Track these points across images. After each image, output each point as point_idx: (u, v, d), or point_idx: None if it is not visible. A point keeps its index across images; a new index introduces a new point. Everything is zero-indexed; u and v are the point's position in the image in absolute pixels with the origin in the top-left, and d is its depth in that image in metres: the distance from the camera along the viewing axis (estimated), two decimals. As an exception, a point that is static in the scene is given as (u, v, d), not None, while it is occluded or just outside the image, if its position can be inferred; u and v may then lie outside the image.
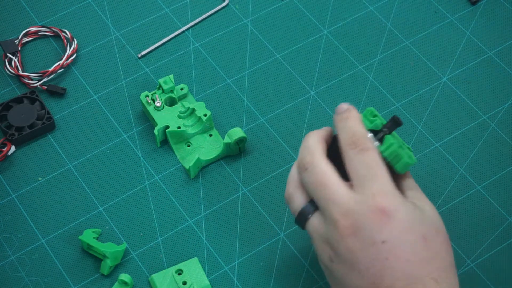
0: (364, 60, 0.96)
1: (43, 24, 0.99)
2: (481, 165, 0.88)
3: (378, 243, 0.67)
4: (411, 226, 0.67)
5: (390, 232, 0.67)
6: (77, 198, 0.87)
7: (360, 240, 0.67)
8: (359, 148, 0.70)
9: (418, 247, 0.67)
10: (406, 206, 0.68)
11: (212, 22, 1.00)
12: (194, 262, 0.82)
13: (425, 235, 0.68)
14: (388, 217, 0.67)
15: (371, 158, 0.69)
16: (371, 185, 0.68)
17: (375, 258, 0.67)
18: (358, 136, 0.71)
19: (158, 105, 0.90)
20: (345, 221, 0.68)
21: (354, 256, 0.68)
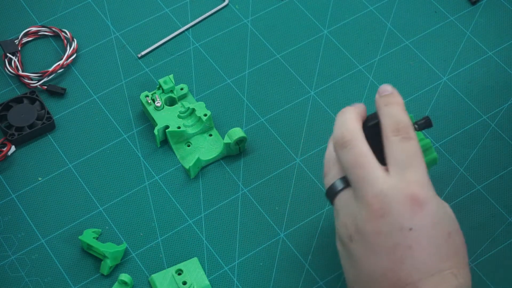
0: (364, 60, 0.96)
1: (43, 24, 0.99)
2: (481, 165, 0.88)
3: (405, 230, 0.67)
4: (439, 220, 0.68)
5: (419, 221, 0.67)
6: (77, 198, 0.87)
7: (388, 223, 0.67)
8: (402, 136, 0.69)
9: (442, 241, 0.67)
10: (437, 201, 0.68)
11: (212, 22, 1.00)
12: (194, 262, 0.82)
13: (451, 232, 0.68)
14: (420, 206, 0.67)
15: (412, 148, 0.69)
16: (409, 173, 0.68)
17: (399, 244, 0.67)
18: (403, 124, 0.70)
19: (158, 105, 0.90)
20: (377, 203, 0.68)
21: (378, 238, 0.68)
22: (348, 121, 0.72)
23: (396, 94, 0.73)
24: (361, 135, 0.71)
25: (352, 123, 0.72)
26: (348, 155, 0.70)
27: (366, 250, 0.68)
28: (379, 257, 0.68)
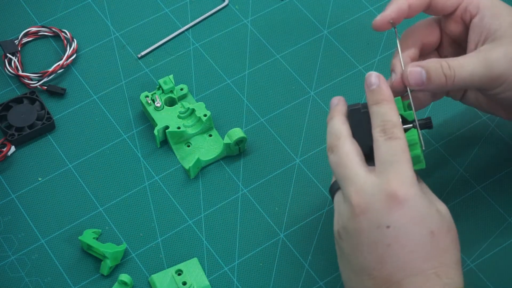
0: (364, 60, 0.96)
1: (43, 24, 0.99)
2: (481, 165, 0.88)
3: (382, 227, 0.67)
4: (420, 218, 0.67)
5: (397, 218, 0.67)
6: (77, 199, 0.87)
7: (367, 220, 0.68)
8: (388, 136, 0.70)
9: (423, 240, 0.67)
10: (420, 198, 0.68)
11: (212, 22, 1.00)
12: (194, 262, 0.82)
13: (434, 230, 0.68)
14: (399, 203, 0.67)
15: (397, 146, 0.69)
16: (391, 171, 0.68)
17: (378, 242, 0.67)
18: (389, 125, 0.70)
19: (158, 106, 0.90)
20: (357, 199, 0.68)
21: (360, 236, 0.68)
22: (334, 126, 0.73)
23: (383, 89, 0.72)
24: (346, 137, 0.72)
25: (337, 128, 0.73)
26: (334, 157, 0.72)
27: (352, 247, 0.69)
28: (363, 255, 0.68)
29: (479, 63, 0.75)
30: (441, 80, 0.74)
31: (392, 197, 0.67)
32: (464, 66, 0.75)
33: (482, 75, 0.75)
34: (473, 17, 0.78)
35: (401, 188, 0.68)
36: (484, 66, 0.75)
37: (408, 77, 0.74)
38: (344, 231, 0.70)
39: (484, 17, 0.77)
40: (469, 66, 0.75)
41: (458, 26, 0.80)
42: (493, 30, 0.76)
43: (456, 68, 0.74)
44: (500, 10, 0.77)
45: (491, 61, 0.75)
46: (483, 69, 0.74)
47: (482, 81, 0.75)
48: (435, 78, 0.74)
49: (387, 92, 0.72)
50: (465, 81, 0.75)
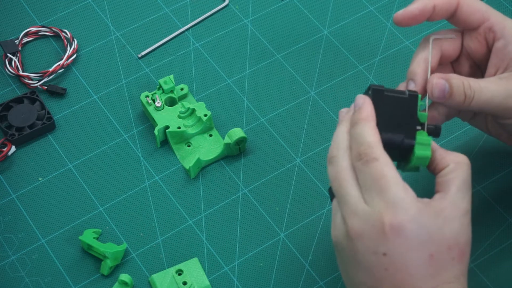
0: (364, 60, 0.96)
1: (43, 24, 0.99)
2: (481, 165, 0.88)
3: (379, 254, 0.66)
4: (418, 244, 0.66)
5: (394, 247, 0.66)
6: (77, 198, 0.87)
7: (363, 245, 0.67)
8: (365, 159, 0.68)
9: (422, 263, 0.66)
10: (418, 222, 0.66)
11: (212, 22, 1.00)
12: (194, 262, 0.82)
13: (433, 253, 0.66)
14: (395, 232, 0.66)
15: (376, 170, 0.67)
16: (379, 200, 0.66)
17: (375, 266, 0.67)
18: (363, 147, 0.68)
19: (158, 105, 0.90)
20: (351, 223, 0.67)
21: (356, 256, 0.67)
22: (338, 138, 0.71)
23: (362, 108, 0.71)
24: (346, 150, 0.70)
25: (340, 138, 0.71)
26: (332, 170, 0.70)
27: (348, 262, 0.69)
28: (359, 273, 0.68)
29: (499, 90, 0.74)
30: (460, 98, 0.74)
31: (386, 227, 0.66)
32: (484, 91, 0.74)
33: (499, 103, 0.74)
34: (496, 40, 0.77)
35: (395, 218, 0.66)
36: (504, 95, 0.74)
37: (433, 88, 0.73)
38: (340, 246, 0.69)
39: (509, 43, 0.76)
40: (489, 91, 0.74)
41: (479, 45, 0.78)
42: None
43: (476, 90, 0.74)
44: None
45: (510, 91, 0.74)
46: (502, 97, 0.74)
47: (499, 109, 0.74)
48: (456, 95, 0.73)
49: (366, 111, 0.70)
50: (482, 105, 0.74)
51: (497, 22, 0.77)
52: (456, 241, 0.68)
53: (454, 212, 0.68)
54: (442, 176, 0.69)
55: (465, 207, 0.69)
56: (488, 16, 0.77)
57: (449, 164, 0.70)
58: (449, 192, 0.68)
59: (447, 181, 0.69)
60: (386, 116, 0.71)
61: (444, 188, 0.69)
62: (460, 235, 0.68)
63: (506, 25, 0.77)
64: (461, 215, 0.68)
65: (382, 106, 0.71)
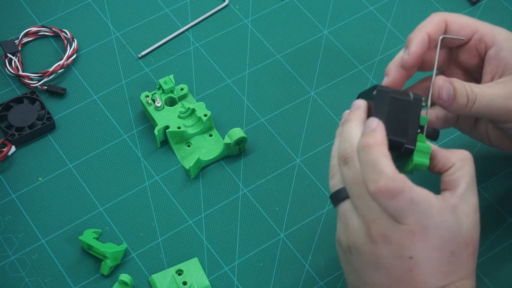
0: (364, 60, 0.96)
1: (43, 24, 0.99)
2: (481, 165, 0.88)
3: (405, 257, 0.66)
4: (442, 244, 0.66)
5: (420, 249, 0.66)
6: (77, 198, 0.87)
7: (387, 249, 0.66)
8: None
9: (444, 262, 0.67)
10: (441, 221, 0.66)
11: (212, 22, 1.00)
12: (194, 262, 0.82)
13: (454, 250, 0.67)
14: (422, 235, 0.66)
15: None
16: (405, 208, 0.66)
17: (398, 267, 0.66)
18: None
19: (158, 105, 0.90)
20: (376, 229, 0.67)
21: (377, 260, 0.67)
22: (351, 135, 0.70)
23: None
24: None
25: (354, 138, 0.70)
26: (349, 172, 0.69)
27: (365, 265, 0.68)
28: (377, 274, 0.67)
29: (499, 93, 0.75)
30: (463, 101, 0.74)
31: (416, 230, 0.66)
32: (484, 94, 0.74)
33: (500, 105, 0.75)
34: (488, 49, 0.78)
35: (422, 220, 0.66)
36: (504, 97, 0.75)
37: (441, 90, 0.73)
38: (356, 250, 0.68)
39: (501, 50, 0.77)
40: (489, 94, 0.75)
41: (471, 56, 0.79)
42: (511, 64, 0.76)
43: (478, 93, 0.74)
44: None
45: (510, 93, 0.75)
46: (502, 99, 0.74)
47: (500, 111, 0.75)
48: (459, 98, 0.74)
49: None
50: (484, 108, 0.75)
51: (486, 32, 0.78)
52: (471, 237, 0.68)
53: (467, 208, 0.68)
54: (450, 174, 0.70)
55: (476, 203, 0.69)
56: (476, 28, 0.78)
57: (455, 162, 0.70)
58: (459, 189, 0.69)
59: (455, 179, 0.69)
60: (389, 118, 0.70)
61: (453, 186, 0.69)
62: (474, 232, 0.69)
63: (496, 33, 0.78)
64: (473, 211, 0.69)
65: (386, 108, 0.71)
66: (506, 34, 0.78)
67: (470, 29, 0.78)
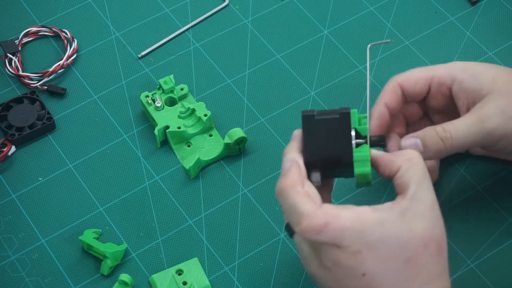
0: (364, 60, 0.96)
1: (43, 24, 0.99)
2: (481, 165, 0.88)
3: (358, 276, 0.67)
4: (392, 253, 0.66)
5: (369, 265, 0.66)
6: (77, 198, 0.87)
7: (341, 272, 0.67)
8: None
9: (401, 270, 0.66)
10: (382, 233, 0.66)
11: (212, 22, 1.00)
12: (194, 262, 0.82)
13: (409, 256, 0.66)
14: (366, 251, 0.66)
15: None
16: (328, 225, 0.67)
17: (358, 286, 0.67)
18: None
19: (158, 105, 0.90)
20: (324, 256, 0.68)
21: (338, 283, 0.68)
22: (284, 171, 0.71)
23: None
24: (288, 185, 0.69)
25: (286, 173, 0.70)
26: (284, 208, 0.70)
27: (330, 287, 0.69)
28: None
29: (472, 121, 0.75)
30: (438, 145, 0.75)
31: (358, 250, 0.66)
32: (459, 127, 0.75)
33: (477, 132, 0.75)
34: (450, 87, 0.79)
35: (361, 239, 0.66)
36: (478, 123, 0.75)
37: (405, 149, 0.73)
38: (317, 277, 0.69)
39: (463, 81, 0.78)
40: (464, 126, 0.75)
41: (440, 101, 0.80)
42: (477, 91, 0.77)
43: (452, 130, 0.75)
44: (477, 70, 0.78)
45: (484, 116, 0.75)
46: (477, 126, 0.75)
47: (479, 138, 0.75)
48: (431, 145, 0.75)
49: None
50: (462, 141, 0.75)
51: (441, 74, 0.79)
52: (431, 236, 0.67)
53: (421, 208, 0.67)
54: (398, 178, 0.69)
55: (431, 200, 0.68)
56: (431, 75, 0.79)
57: (401, 164, 0.70)
58: (409, 190, 0.68)
59: (404, 181, 0.69)
60: (321, 140, 0.71)
61: (403, 188, 0.69)
62: (434, 229, 0.68)
63: (451, 70, 0.79)
64: (429, 209, 0.68)
65: (315, 131, 0.71)
66: (460, 65, 0.79)
67: (424, 80, 0.79)
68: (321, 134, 0.71)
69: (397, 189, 0.70)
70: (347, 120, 0.72)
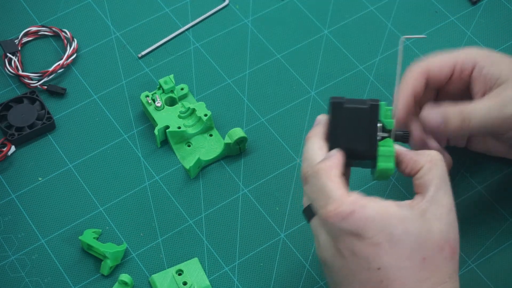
0: (364, 60, 0.96)
1: (43, 24, 0.99)
2: (481, 165, 0.88)
3: (373, 269, 0.66)
4: (410, 251, 0.66)
5: (387, 260, 0.66)
6: (77, 198, 0.87)
7: (356, 263, 0.67)
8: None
9: (415, 269, 0.66)
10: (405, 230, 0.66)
11: (212, 22, 1.00)
12: (194, 262, 0.82)
13: (425, 256, 0.66)
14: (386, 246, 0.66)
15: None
16: None
17: (369, 280, 0.67)
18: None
19: (159, 105, 0.90)
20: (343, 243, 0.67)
21: (348, 274, 0.68)
22: (309, 154, 0.71)
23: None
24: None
25: (312, 157, 0.70)
26: (310, 190, 0.69)
27: (339, 278, 0.68)
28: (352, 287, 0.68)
29: (493, 103, 0.75)
30: (457, 123, 0.75)
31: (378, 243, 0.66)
32: (478, 109, 0.75)
33: (496, 116, 0.75)
34: (471, 72, 0.79)
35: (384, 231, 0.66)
36: (498, 107, 0.75)
37: (426, 121, 0.74)
38: (329, 264, 0.69)
39: (483, 67, 0.78)
40: (483, 108, 0.75)
41: (459, 86, 0.80)
42: (495, 78, 0.77)
43: (471, 111, 0.75)
44: (497, 58, 0.78)
45: (504, 101, 0.75)
46: (497, 109, 0.75)
47: (497, 123, 0.75)
48: (452, 121, 0.75)
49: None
50: (480, 122, 0.75)
51: (464, 59, 0.79)
52: (446, 239, 0.67)
53: (439, 211, 0.68)
54: (418, 178, 0.69)
55: (449, 204, 0.68)
56: (454, 60, 0.79)
57: (423, 164, 0.70)
58: (428, 192, 0.68)
59: (425, 182, 0.69)
60: (347, 129, 0.71)
61: (422, 189, 0.69)
62: (449, 233, 0.68)
63: (474, 55, 0.79)
64: (446, 212, 0.68)
65: (342, 119, 0.71)
66: (483, 52, 0.79)
67: (449, 65, 0.79)
68: (348, 123, 0.71)
69: (416, 189, 0.70)
70: (376, 112, 0.71)
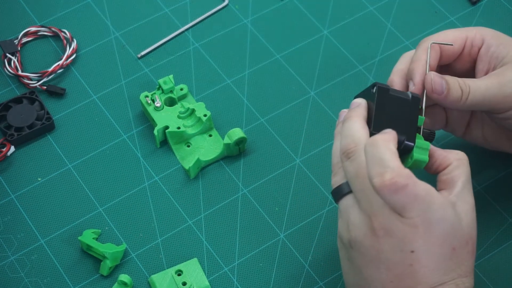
0: (364, 60, 0.96)
1: (43, 24, 0.99)
2: (481, 165, 0.88)
3: (406, 251, 0.66)
4: (443, 239, 0.67)
5: (421, 244, 0.66)
6: (76, 199, 0.87)
7: (389, 243, 0.67)
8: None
9: (445, 257, 0.67)
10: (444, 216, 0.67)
11: (212, 22, 0.99)
12: (193, 262, 0.82)
13: (455, 246, 0.67)
14: (423, 229, 0.66)
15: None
16: None
17: (399, 262, 0.67)
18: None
19: (158, 106, 0.90)
20: (379, 222, 0.67)
21: (378, 254, 0.67)
22: (353, 131, 0.71)
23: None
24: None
25: (356, 134, 0.71)
26: (351, 166, 0.69)
27: (365, 260, 0.68)
28: (379, 270, 0.67)
29: (493, 82, 0.76)
30: (457, 94, 0.76)
31: (417, 225, 0.66)
32: (478, 84, 0.76)
33: (496, 93, 0.76)
34: (479, 49, 0.80)
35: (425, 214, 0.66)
36: (498, 84, 0.76)
37: (433, 83, 0.75)
38: (357, 244, 0.68)
39: (490, 46, 0.79)
40: (483, 84, 0.76)
41: (465, 63, 0.81)
42: (501, 57, 0.78)
43: (471, 84, 0.76)
44: (505, 40, 0.80)
45: (505, 80, 0.76)
46: (497, 86, 0.76)
47: (495, 100, 0.76)
48: (453, 91, 0.75)
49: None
50: (479, 98, 0.76)
51: (474, 35, 0.80)
52: (470, 235, 0.69)
53: (466, 206, 0.69)
54: (446, 174, 0.71)
55: (472, 202, 0.70)
56: (465, 35, 0.80)
57: (452, 162, 0.71)
58: (456, 187, 0.70)
59: (452, 177, 0.71)
60: (389, 115, 0.72)
61: (449, 185, 0.70)
62: (473, 230, 0.69)
63: (483, 33, 0.80)
64: (470, 209, 0.70)
65: (386, 105, 0.72)
66: (493, 32, 0.81)
67: (461, 40, 0.80)
68: (390, 110, 0.72)
69: (441, 185, 0.71)
70: (417, 104, 0.74)
